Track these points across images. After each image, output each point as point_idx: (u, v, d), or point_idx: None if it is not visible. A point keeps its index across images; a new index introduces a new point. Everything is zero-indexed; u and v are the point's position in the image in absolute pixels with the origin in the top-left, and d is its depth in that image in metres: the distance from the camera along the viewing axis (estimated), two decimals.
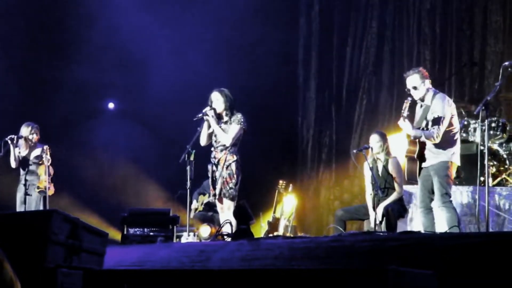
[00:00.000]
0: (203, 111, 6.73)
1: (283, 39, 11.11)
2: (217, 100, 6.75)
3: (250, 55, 10.90)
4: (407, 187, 7.57)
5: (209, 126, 6.75)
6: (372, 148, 7.03)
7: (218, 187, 6.64)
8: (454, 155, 6.08)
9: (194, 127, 6.84)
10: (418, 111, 6.30)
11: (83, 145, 10.60)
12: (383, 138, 7.09)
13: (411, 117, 6.24)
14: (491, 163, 7.89)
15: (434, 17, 10.20)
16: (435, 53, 10.16)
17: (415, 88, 6.17)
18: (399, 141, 8.89)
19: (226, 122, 6.73)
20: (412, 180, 6.36)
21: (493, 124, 7.86)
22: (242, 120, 6.68)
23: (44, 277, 3.39)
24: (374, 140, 7.07)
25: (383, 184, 6.91)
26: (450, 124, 6.06)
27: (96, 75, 10.61)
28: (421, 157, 6.16)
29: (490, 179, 7.71)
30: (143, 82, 10.88)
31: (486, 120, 6.05)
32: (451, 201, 6.04)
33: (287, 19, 11.45)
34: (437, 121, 6.01)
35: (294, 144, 11.70)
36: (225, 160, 6.62)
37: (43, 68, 10.66)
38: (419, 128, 6.13)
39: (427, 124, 6.11)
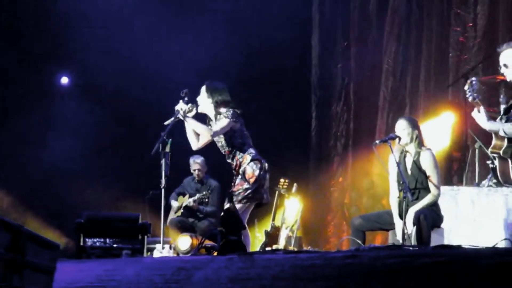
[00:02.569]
0: (176, 109, 6.71)
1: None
2: (201, 95, 6.81)
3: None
4: (444, 189, 7.58)
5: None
6: (399, 138, 7.00)
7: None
8: None
9: (171, 110, 6.79)
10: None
11: (26, 131, 10.58)
12: (412, 124, 7.00)
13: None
14: None
15: None
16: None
17: (505, 66, 6.07)
18: (437, 130, 8.93)
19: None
20: (508, 184, 6.33)
21: None
22: (230, 113, 6.67)
23: None
24: (400, 127, 7.00)
25: (413, 184, 6.89)
26: None
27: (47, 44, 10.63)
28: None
29: None
30: (106, 52, 10.89)
31: None
32: None
33: None
34: None
35: (300, 132, 11.70)
36: (239, 166, 6.72)
37: None
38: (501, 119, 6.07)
39: None
